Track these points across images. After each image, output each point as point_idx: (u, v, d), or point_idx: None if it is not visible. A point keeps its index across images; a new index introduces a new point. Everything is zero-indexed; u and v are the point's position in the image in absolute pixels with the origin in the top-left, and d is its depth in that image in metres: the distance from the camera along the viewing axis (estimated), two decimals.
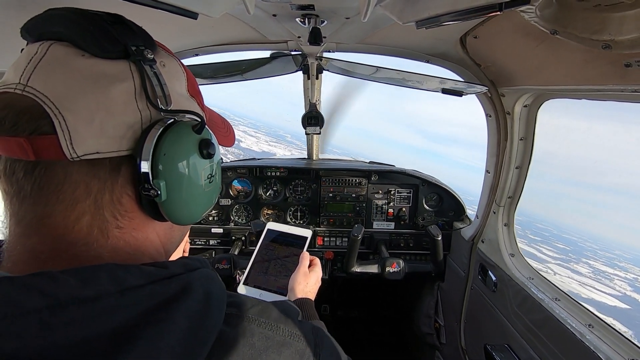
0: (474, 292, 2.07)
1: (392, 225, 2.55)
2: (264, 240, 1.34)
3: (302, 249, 1.29)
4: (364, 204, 2.53)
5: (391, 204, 2.54)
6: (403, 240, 2.54)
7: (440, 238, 2.13)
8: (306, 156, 2.99)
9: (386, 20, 1.34)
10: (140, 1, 0.81)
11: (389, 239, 2.53)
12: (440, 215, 2.50)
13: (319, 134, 2.51)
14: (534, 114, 1.65)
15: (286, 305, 0.62)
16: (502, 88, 1.64)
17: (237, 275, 2.24)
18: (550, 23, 0.92)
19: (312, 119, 2.37)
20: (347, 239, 2.49)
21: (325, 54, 1.91)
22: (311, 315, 1.04)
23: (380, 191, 2.52)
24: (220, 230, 2.51)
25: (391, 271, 2.17)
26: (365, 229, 2.44)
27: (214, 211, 2.52)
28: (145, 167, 0.50)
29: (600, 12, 0.84)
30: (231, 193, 2.52)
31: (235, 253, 2.34)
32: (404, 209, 2.52)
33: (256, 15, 1.28)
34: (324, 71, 2.11)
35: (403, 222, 2.53)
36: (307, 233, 1.33)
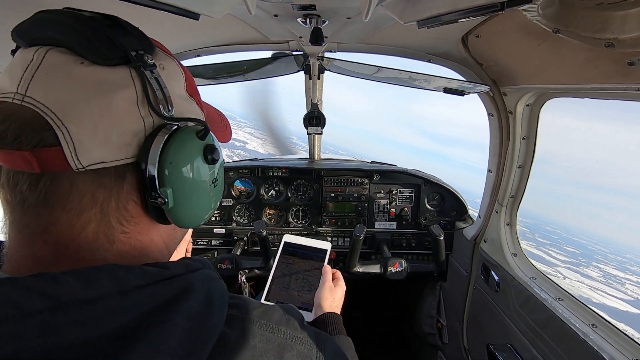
0: (477, 292, 2.06)
1: (394, 225, 2.54)
2: (282, 254, 1.30)
3: (323, 262, 1.26)
4: (366, 204, 2.53)
5: (393, 203, 2.53)
6: (405, 240, 2.53)
7: (442, 238, 2.12)
8: (308, 156, 3.00)
9: (387, 19, 1.34)
10: (142, 2, 0.81)
11: (391, 239, 2.53)
12: (443, 215, 2.49)
13: (321, 134, 2.51)
14: (536, 113, 1.64)
15: (289, 308, 0.62)
16: (504, 87, 1.63)
17: (240, 276, 2.24)
18: (553, 22, 0.92)
19: (314, 119, 2.37)
20: (349, 239, 2.49)
21: (327, 54, 1.91)
22: (339, 331, 1.01)
23: (382, 191, 2.52)
24: (223, 231, 2.51)
25: (393, 271, 2.17)
26: (367, 229, 2.43)
27: (216, 212, 2.52)
28: (152, 176, 0.50)
29: (603, 11, 0.84)
30: (233, 193, 2.52)
31: (237, 253, 2.34)
32: (406, 208, 2.51)
33: (257, 15, 1.28)
34: (326, 71, 2.11)
35: (405, 222, 2.52)
36: (327, 245, 1.30)
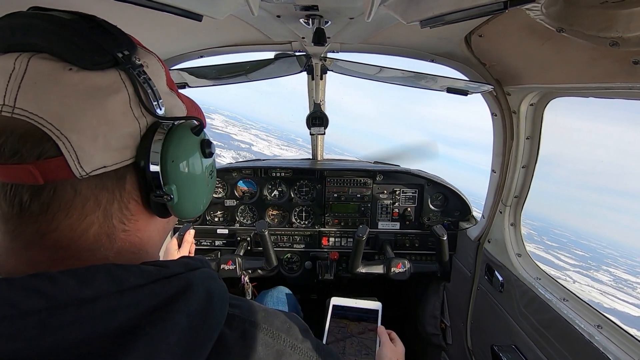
0: (480, 293, 2.05)
1: (398, 225, 2.54)
2: (332, 318, 1.27)
3: (377, 323, 1.23)
4: (369, 204, 2.53)
5: (396, 204, 2.53)
6: (408, 241, 2.53)
7: (445, 238, 2.12)
8: (311, 157, 3.00)
9: (390, 19, 1.34)
10: (145, 4, 0.82)
11: (394, 239, 2.52)
12: (446, 215, 2.49)
13: (324, 134, 2.50)
14: (540, 112, 1.63)
15: (292, 316, 0.62)
16: (508, 87, 1.63)
17: (243, 276, 2.24)
18: (557, 21, 0.92)
19: (317, 119, 2.37)
20: (353, 239, 2.49)
21: (330, 55, 1.91)
22: None
23: (385, 191, 2.51)
24: (226, 231, 2.51)
25: (397, 271, 2.16)
26: (371, 229, 2.43)
27: (219, 212, 2.53)
28: (155, 175, 0.51)
29: (607, 9, 0.83)
30: (236, 194, 2.53)
31: (240, 254, 2.35)
32: (409, 209, 2.51)
33: (260, 16, 1.28)
34: (328, 71, 2.11)
35: (408, 222, 2.52)
36: (377, 305, 1.27)
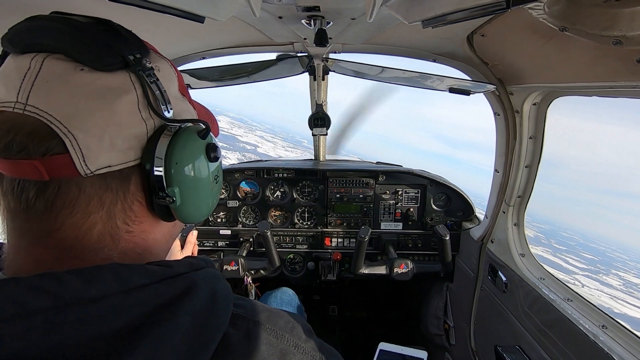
0: (484, 293, 2.04)
1: (400, 225, 2.53)
2: None
3: None
4: (372, 205, 2.52)
5: (399, 204, 2.52)
6: (411, 241, 2.52)
7: (448, 238, 2.11)
8: (313, 157, 3.00)
9: (392, 20, 1.34)
10: (147, 6, 0.82)
11: (397, 240, 2.52)
12: (449, 215, 2.48)
13: (326, 134, 2.50)
14: (543, 112, 1.63)
15: (295, 316, 0.62)
16: (511, 86, 1.62)
17: (246, 277, 2.24)
18: (559, 20, 0.91)
19: (319, 120, 2.37)
20: (355, 240, 2.48)
21: (332, 55, 1.91)
22: None
23: (388, 191, 2.51)
24: (229, 232, 2.52)
25: (399, 272, 2.16)
26: (373, 230, 2.43)
27: (222, 213, 2.54)
28: (159, 177, 0.51)
29: (611, 8, 0.83)
30: (239, 195, 2.53)
31: (243, 254, 2.35)
32: (411, 209, 2.50)
33: (262, 17, 1.29)
34: (330, 72, 2.11)
35: (411, 223, 2.51)
36: (423, 354, 1.30)
